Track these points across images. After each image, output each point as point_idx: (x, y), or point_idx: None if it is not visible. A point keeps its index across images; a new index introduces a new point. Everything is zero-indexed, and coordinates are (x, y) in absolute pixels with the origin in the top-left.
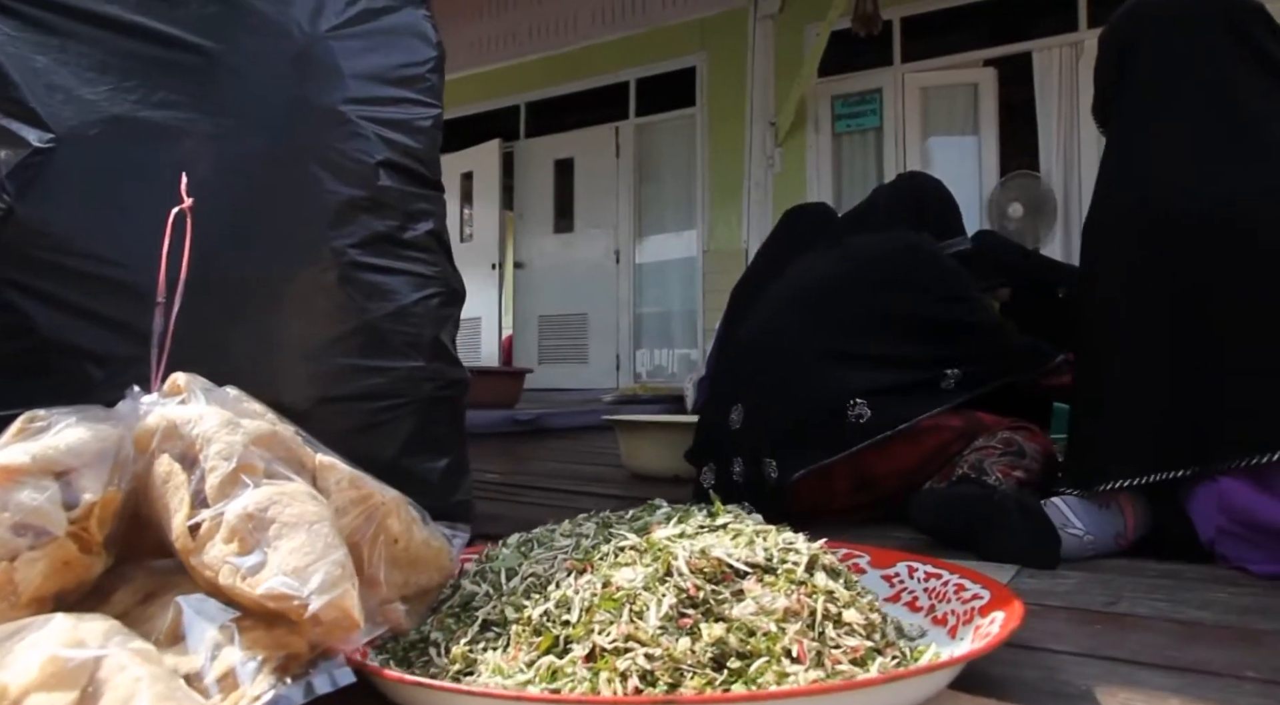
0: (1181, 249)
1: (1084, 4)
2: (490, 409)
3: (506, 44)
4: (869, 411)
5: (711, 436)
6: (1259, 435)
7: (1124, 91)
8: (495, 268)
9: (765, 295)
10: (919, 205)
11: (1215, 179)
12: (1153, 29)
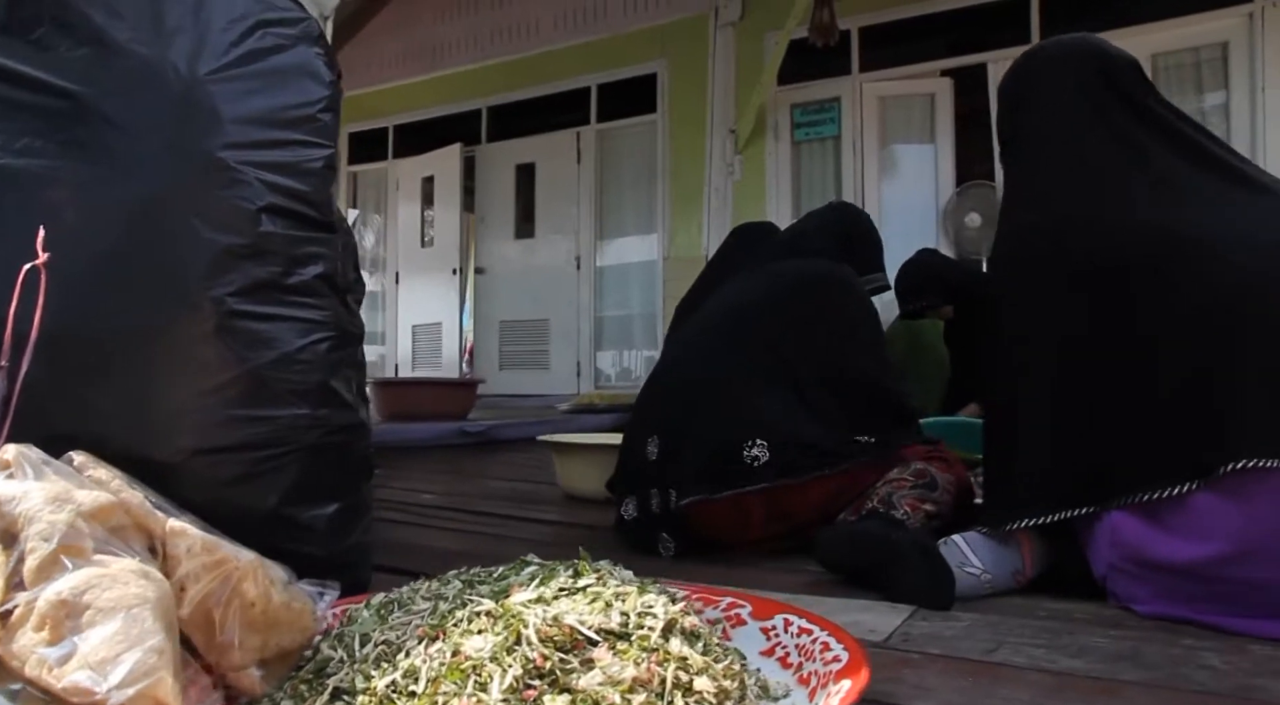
0: (1076, 292)
1: (1036, 18)
2: (442, 420)
3: (468, 48)
4: (767, 455)
5: (630, 467)
6: (1150, 472)
7: (1018, 142)
8: (456, 273)
9: (688, 321)
10: (846, 236)
11: (1097, 225)
12: (1038, 84)
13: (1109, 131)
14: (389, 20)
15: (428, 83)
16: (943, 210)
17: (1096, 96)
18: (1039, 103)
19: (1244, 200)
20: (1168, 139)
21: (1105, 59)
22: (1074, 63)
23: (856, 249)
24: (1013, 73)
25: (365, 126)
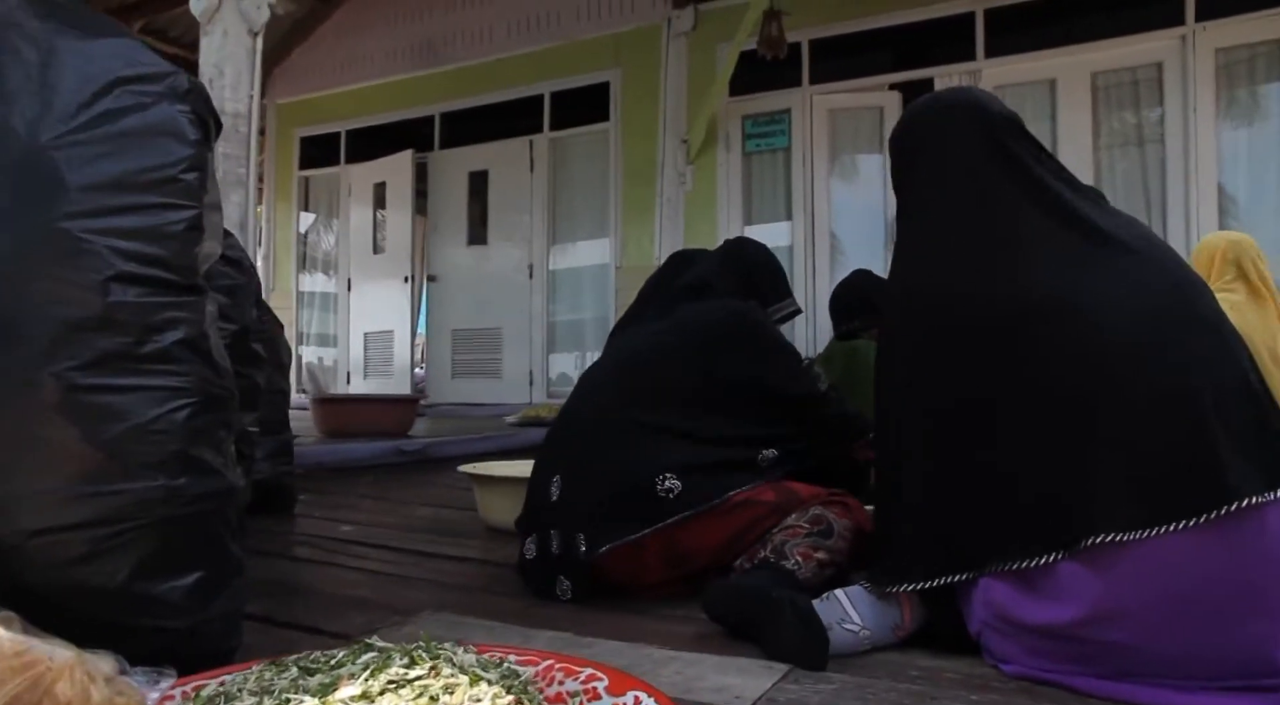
0: (945, 361)
1: (981, 34)
2: (382, 437)
3: (421, 54)
4: (679, 485)
5: (534, 506)
6: (1019, 542)
7: (901, 199)
8: (408, 280)
9: (600, 359)
10: (747, 273)
11: (965, 293)
12: (917, 144)
13: (984, 194)
14: (341, 24)
15: (380, 88)
16: (891, 223)
17: (973, 157)
18: (918, 162)
19: (1104, 262)
20: (1041, 199)
21: (984, 117)
22: (953, 122)
23: (759, 283)
24: (897, 129)
25: (317, 131)
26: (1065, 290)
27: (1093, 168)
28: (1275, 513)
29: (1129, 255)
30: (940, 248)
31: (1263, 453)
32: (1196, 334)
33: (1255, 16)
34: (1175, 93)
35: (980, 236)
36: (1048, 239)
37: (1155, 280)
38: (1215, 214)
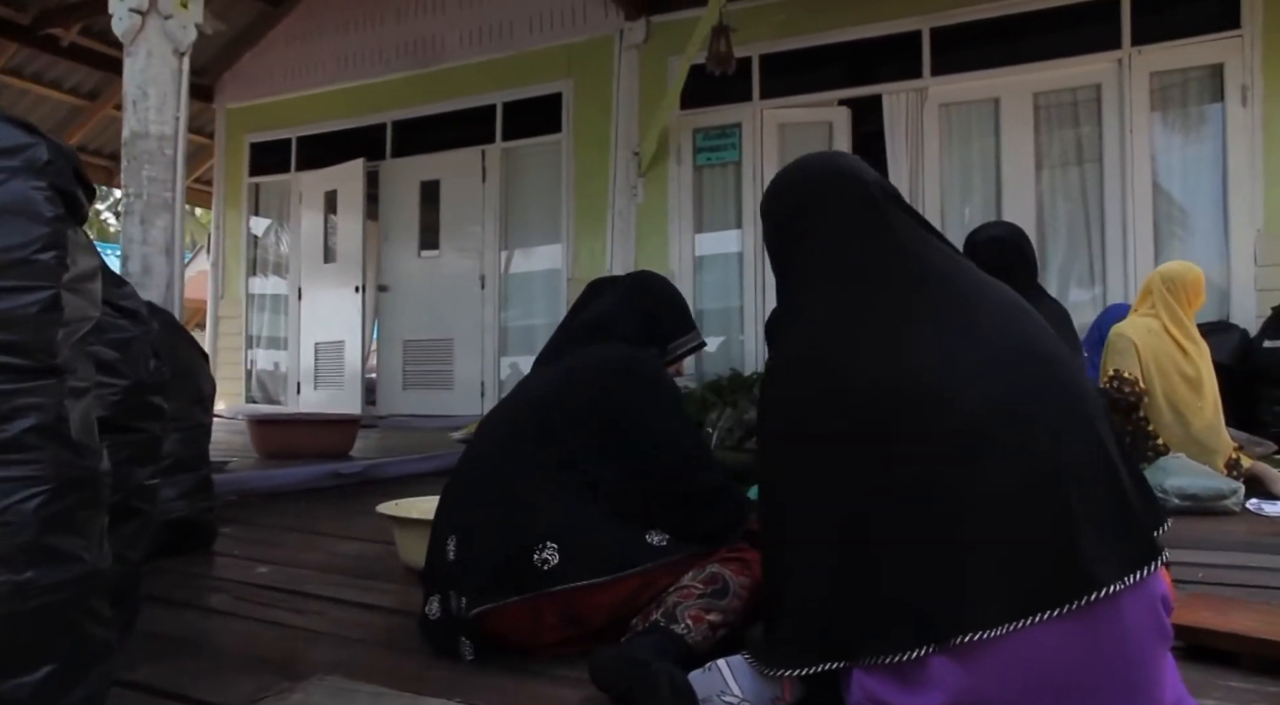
0: (829, 443)
1: (928, 52)
2: (322, 457)
3: (373, 61)
4: (556, 557)
5: (433, 564)
6: (892, 636)
7: (783, 267)
8: (359, 290)
9: (503, 400)
10: (649, 309)
11: (856, 371)
12: (784, 211)
13: (858, 268)
14: (291, 30)
15: (331, 95)
16: None
17: (846, 229)
18: (791, 232)
19: (974, 341)
20: (915, 273)
21: (859, 186)
22: (826, 191)
23: (661, 317)
24: (768, 196)
25: (267, 137)
26: (933, 375)
27: (1034, 185)
28: (1130, 597)
29: (998, 331)
30: (815, 324)
31: (1121, 535)
32: (1059, 414)
33: (1188, 43)
34: (1113, 114)
35: (852, 314)
36: (918, 318)
37: (1023, 358)
38: (1150, 233)
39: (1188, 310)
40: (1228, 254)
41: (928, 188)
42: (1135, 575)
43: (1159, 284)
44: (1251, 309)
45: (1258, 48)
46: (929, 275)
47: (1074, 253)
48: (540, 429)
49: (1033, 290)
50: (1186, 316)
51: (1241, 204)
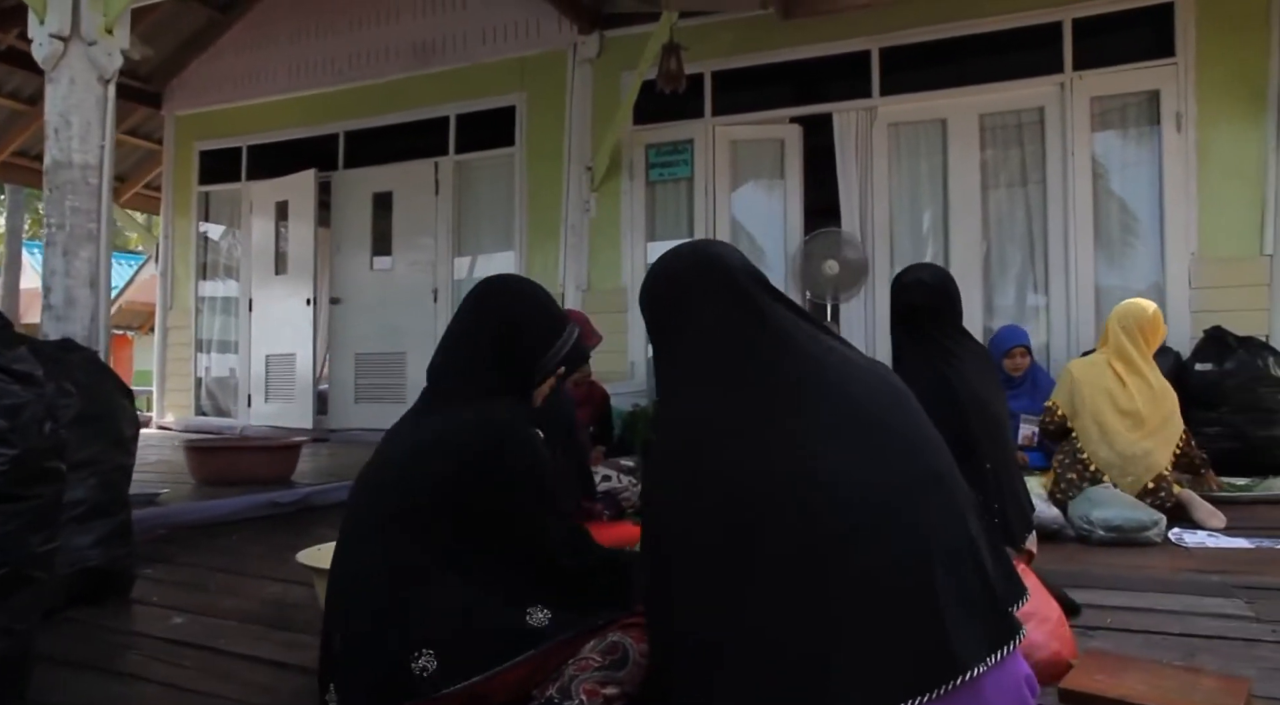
0: (701, 529)
1: (877, 72)
2: (262, 484)
3: (325, 70)
4: (435, 664)
5: (326, 647)
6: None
7: (660, 354)
8: (310, 303)
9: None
10: (497, 336)
11: (730, 466)
12: (660, 304)
13: (731, 363)
14: (242, 37)
15: (283, 104)
16: (793, 256)
17: (719, 321)
18: (668, 322)
19: (843, 430)
20: (788, 364)
21: (729, 278)
22: (699, 282)
23: (518, 337)
24: (647, 282)
25: (217, 145)
26: (800, 474)
27: (981, 204)
28: (991, 678)
29: (865, 422)
30: (687, 422)
31: (983, 613)
32: (925, 498)
33: (1126, 69)
34: (1055, 137)
35: (722, 414)
36: (785, 416)
37: (891, 440)
38: (1091, 254)
39: (1142, 347)
40: (1164, 276)
41: (877, 205)
42: (996, 655)
43: (1113, 322)
44: (1186, 331)
45: (1191, 76)
46: (798, 369)
47: (1019, 272)
48: (402, 517)
49: (958, 332)
50: (1138, 353)
51: (1177, 227)
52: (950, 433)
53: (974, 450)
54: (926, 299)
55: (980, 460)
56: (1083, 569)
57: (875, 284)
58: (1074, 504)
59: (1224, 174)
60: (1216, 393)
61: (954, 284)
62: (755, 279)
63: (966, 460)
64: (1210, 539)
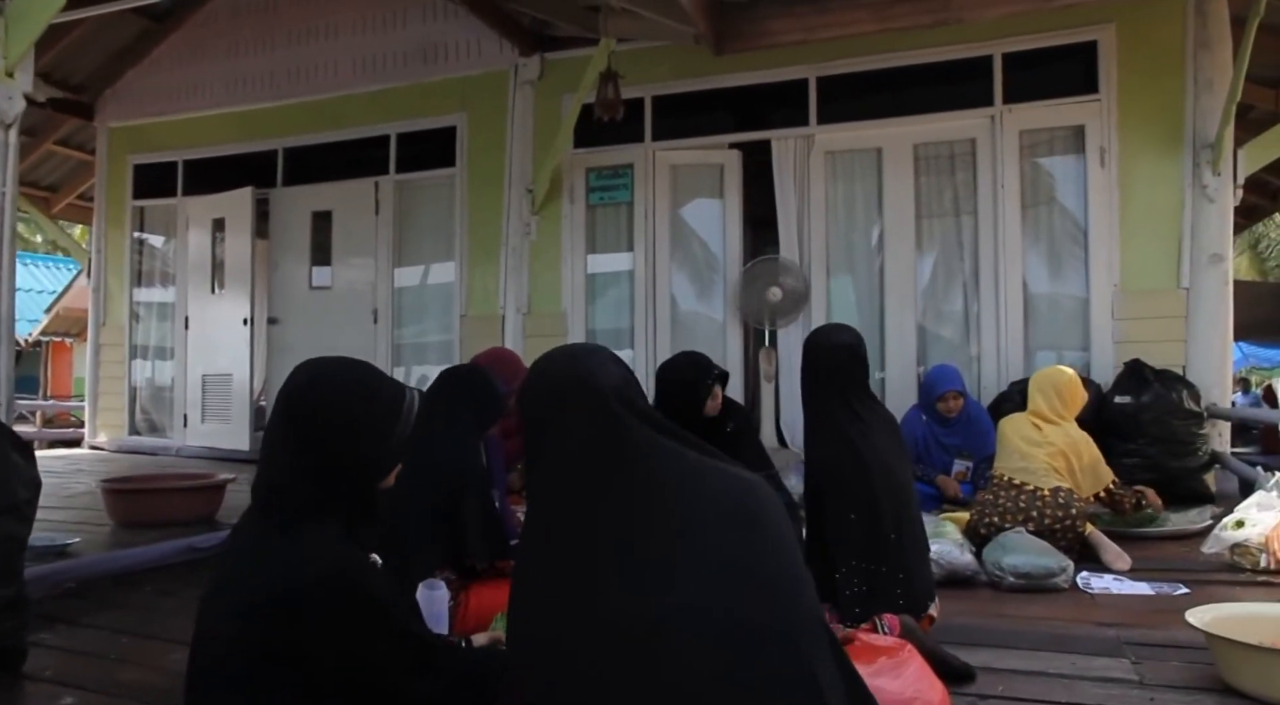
0: (549, 671)
1: (814, 101)
2: (184, 525)
3: (263, 85)
4: None
5: None
6: None
7: (532, 479)
8: (247, 323)
9: None
10: (318, 454)
11: (580, 607)
12: (548, 421)
13: (577, 494)
14: (178, 48)
15: (220, 118)
16: (735, 283)
17: (573, 445)
18: (532, 444)
19: (692, 571)
20: (634, 494)
21: (594, 400)
22: (558, 403)
23: (339, 446)
24: (520, 397)
25: (152, 159)
26: (651, 611)
27: (914, 233)
28: None
29: (721, 558)
30: (543, 551)
31: None
32: (770, 649)
33: (1053, 104)
34: (986, 168)
35: (577, 546)
36: (640, 549)
37: (740, 581)
38: (1020, 284)
39: (1059, 409)
40: (1089, 307)
41: (814, 232)
42: None
43: (1033, 386)
44: (1110, 361)
45: (1114, 113)
46: (656, 501)
47: (951, 300)
48: (224, 679)
49: (868, 397)
50: (1054, 414)
51: (1101, 260)
52: (859, 501)
53: (880, 519)
54: (842, 362)
55: (886, 529)
56: (987, 623)
57: (812, 311)
58: (987, 549)
59: (1144, 209)
60: (1134, 425)
61: (865, 347)
62: (624, 400)
63: (874, 528)
64: (1115, 584)
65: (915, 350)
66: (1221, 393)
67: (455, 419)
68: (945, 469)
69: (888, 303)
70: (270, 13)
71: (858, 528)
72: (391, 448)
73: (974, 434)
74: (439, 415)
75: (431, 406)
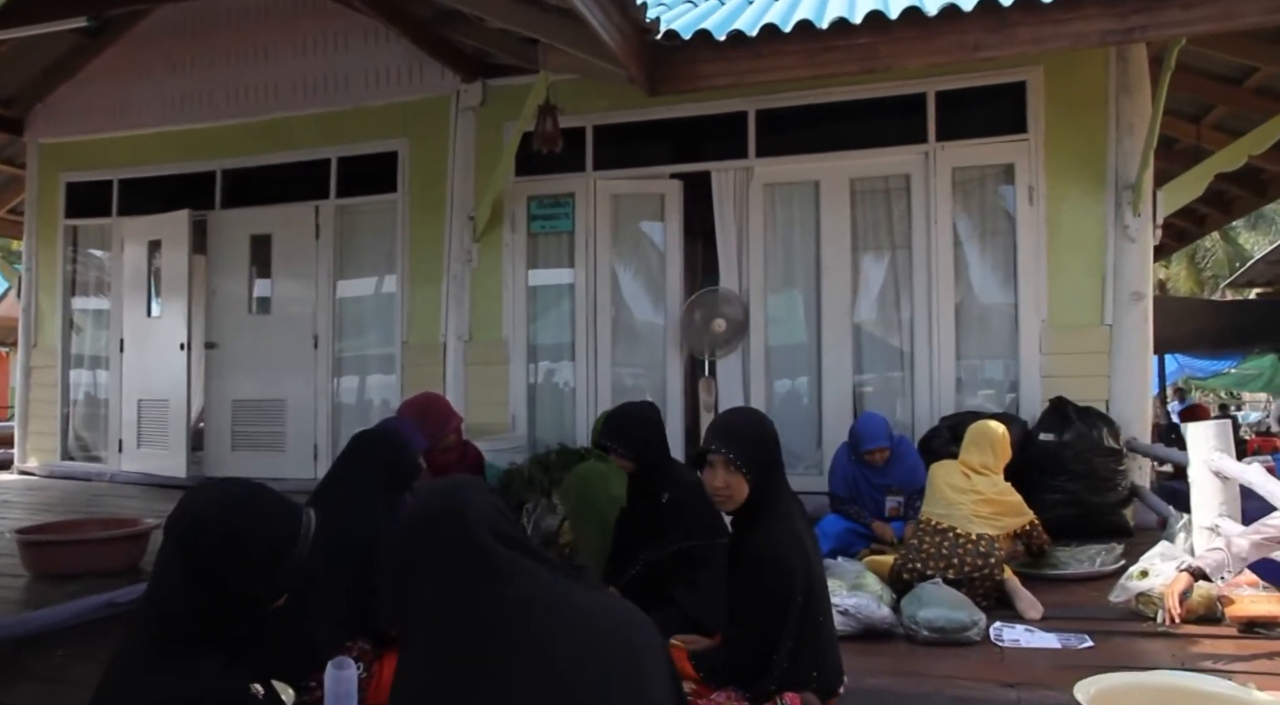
0: None
1: (753, 133)
2: (106, 576)
3: (203, 104)
4: None
5: None
6: None
7: (403, 620)
8: (184, 347)
9: None
10: (200, 589)
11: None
12: (415, 566)
13: (444, 634)
14: (113, 64)
15: (157, 137)
16: (678, 313)
17: (440, 586)
18: (399, 587)
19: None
20: (500, 630)
21: (455, 533)
22: (425, 544)
23: (223, 580)
24: (397, 532)
25: (86, 177)
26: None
27: (851, 266)
28: None
29: (588, 677)
30: (414, 681)
31: None
32: None
33: (984, 142)
34: (920, 203)
35: (443, 688)
36: (505, 690)
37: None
38: (953, 319)
39: (989, 460)
40: (1018, 342)
41: (753, 263)
42: None
43: (968, 440)
44: (1037, 396)
45: (1041, 152)
46: (525, 632)
47: (885, 333)
48: None
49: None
50: (984, 467)
51: (1029, 296)
52: (797, 593)
53: (815, 606)
54: (774, 453)
55: (815, 613)
56: (896, 683)
57: (751, 341)
58: (905, 601)
59: (1070, 246)
60: (1056, 462)
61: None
62: (496, 532)
63: (805, 614)
64: (1025, 636)
65: (851, 382)
66: (1141, 427)
67: (362, 487)
68: (878, 505)
69: (824, 335)
70: (209, 32)
71: (797, 610)
72: (286, 575)
73: (903, 470)
74: (344, 486)
75: (336, 478)
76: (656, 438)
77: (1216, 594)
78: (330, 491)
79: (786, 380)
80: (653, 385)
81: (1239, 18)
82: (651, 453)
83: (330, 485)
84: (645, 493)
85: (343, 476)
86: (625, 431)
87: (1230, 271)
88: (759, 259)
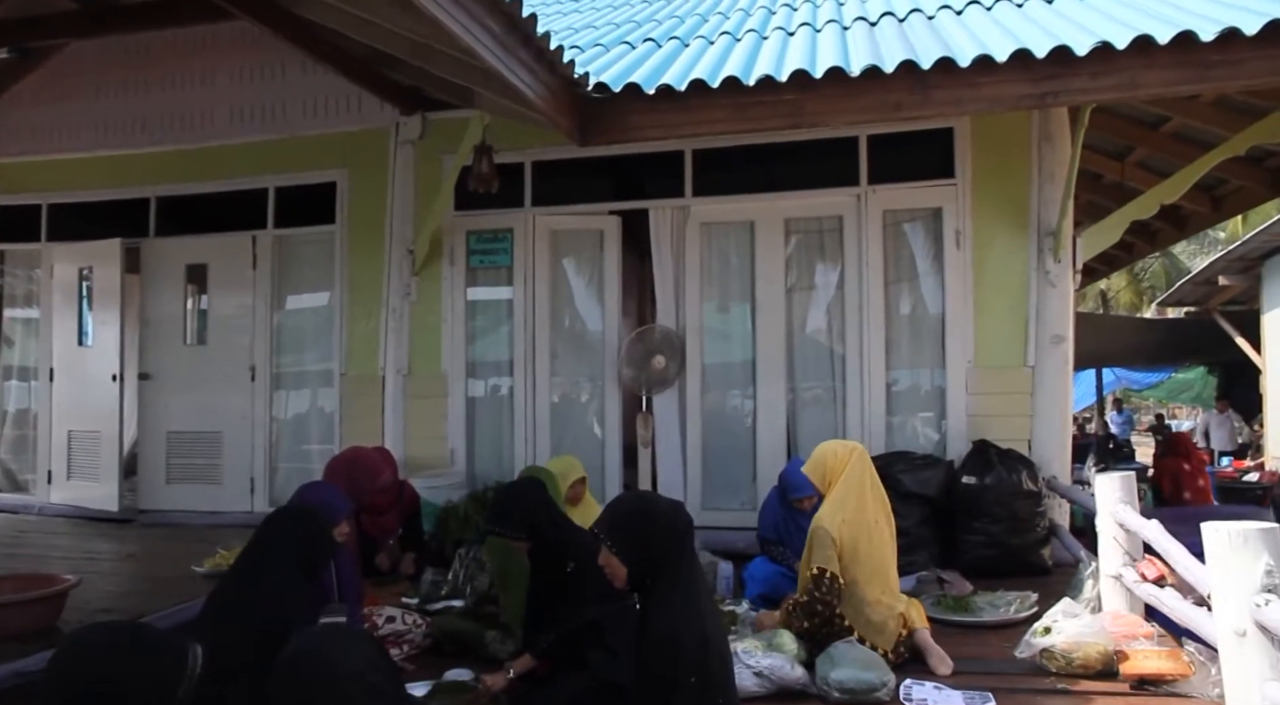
0: None
1: (690, 173)
2: (19, 640)
3: (135, 130)
4: None
5: None
6: None
7: None
8: (116, 379)
9: None
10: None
11: None
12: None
13: None
14: (43, 85)
15: (89, 162)
16: (616, 348)
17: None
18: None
19: None
20: None
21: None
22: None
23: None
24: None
25: (11, 200)
26: None
27: (785, 305)
28: None
29: None
30: None
31: None
32: None
33: (914, 186)
34: (852, 245)
35: None
36: None
37: None
38: (883, 360)
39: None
40: (946, 381)
41: (689, 301)
42: None
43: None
44: (964, 435)
45: (968, 197)
46: None
47: (818, 373)
48: None
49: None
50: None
51: (957, 337)
52: (688, 674)
53: (713, 685)
54: (656, 550)
55: (713, 693)
56: None
57: (687, 377)
58: (819, 661)
59: (995, 289)
60: (978, 505)
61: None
62: (365, 683)
63: (702, 694)
64: (934, 693)
65: (784, 419)
66: (1061, 466)
67: (274, 569)
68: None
69: (759, 372)
70: (142, 55)
71: (688, 690)
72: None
73: None
74: (256, 568)
75: (248, 560)
76: (542, 515)
77: (1113, 650)
78: (248, 574)
79: (721, 416)
80: (591, 418)
81: (1141, 87)
82: (543, 530)
83: (247, 566)
84: (549, 567)
85: (252, 562)
86: (509, 518)
87: (1168, 284)
88: (695, 296)
